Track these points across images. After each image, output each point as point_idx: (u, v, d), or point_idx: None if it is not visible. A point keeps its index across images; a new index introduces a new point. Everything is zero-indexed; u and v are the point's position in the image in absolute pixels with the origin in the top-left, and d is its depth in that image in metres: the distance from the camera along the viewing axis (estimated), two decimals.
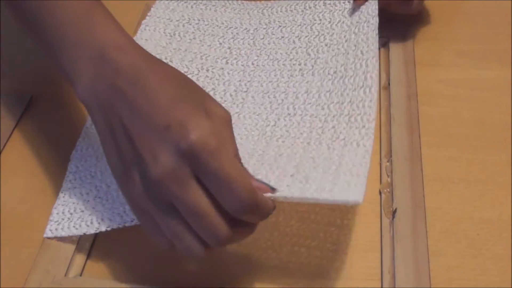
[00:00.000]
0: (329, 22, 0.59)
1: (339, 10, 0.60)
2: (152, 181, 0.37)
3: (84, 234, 0.46)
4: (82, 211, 0.48)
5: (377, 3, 0.56)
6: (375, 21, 0.55)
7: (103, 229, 0.46)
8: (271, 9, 0.63)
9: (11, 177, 0.52)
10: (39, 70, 0.62)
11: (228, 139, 0.38)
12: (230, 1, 0.65)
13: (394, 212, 0.47)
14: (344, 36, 0.57)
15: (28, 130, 0.56)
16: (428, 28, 0.64)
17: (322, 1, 0.61)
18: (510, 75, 0.60)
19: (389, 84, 0.57)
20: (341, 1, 0.60)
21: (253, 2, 0.65)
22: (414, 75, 0.58)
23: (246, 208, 0.37)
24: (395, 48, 0.60)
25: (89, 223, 0.46)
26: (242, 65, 0.58)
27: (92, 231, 0.46)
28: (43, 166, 0.53)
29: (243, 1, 0.65)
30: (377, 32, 0.54)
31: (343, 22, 0.59)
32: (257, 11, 0.63)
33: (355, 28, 0.57)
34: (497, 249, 0.47)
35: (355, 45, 0.55)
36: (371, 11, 0.57)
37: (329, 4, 0.61)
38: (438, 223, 0.48)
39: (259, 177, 0.42)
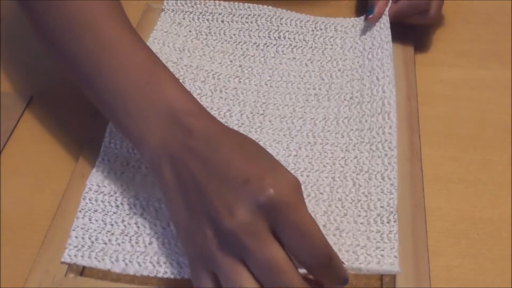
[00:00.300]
0: (341, 48, 0.60)
1: (350, 37, 0.61)
2: (227, 233, 0.36)
3: (108, 270, 0.44)
4: (105, 243, 0.45)
5: (389, 30, 0.58)
6: (389, 46, 0.57)
7: (130, 272, 0.44)
8: (280, 20, 0.62)
9: (11, 177, 0.52)
10: (39, 70, 0.61)
11: (302, 201, 0.37)
12: (237, 5, 0.64)
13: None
14: (358, 62, 0.58)
15: (28, 130, 0.56)
16: (428, 28, 0.64)
17: (333, 26, 0.62)
18: (510, 75, 0.60)
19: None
20: (352, 29, 0.61)
21: (260, 6, 0.64)
22: (414, 75, 0.58)
23: (324, 263, 0.36)
24: (395, 48, 0.60)
25: (114, 260, 0.44)
26: (255, 85, 0.58)
27: (117, 270, 0.44)
28: (43, 166, 0.53)
29: (249, 4, 0.64)
30: (392, 57, 0.56)
31: (355, 48, 0.60)
32: (266, 19, 0.63)
33: (369, 54, 0.58)
34: (497, 249, 0.47)
35: (370, 71, 0.56)
36: (384, 37, 0.58)
37: (340, 30, 0.62)
38: (438, 223, 0.48)
39: None
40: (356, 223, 0.46)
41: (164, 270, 0.43)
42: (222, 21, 0.63)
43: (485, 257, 0.47)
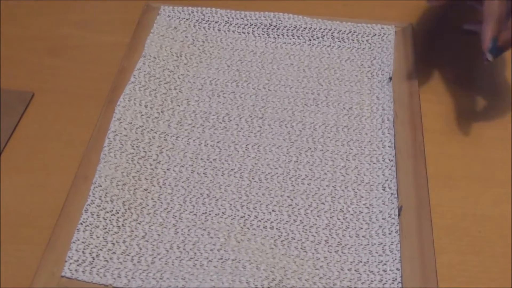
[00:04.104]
0: (338, 57, 0.61)
1: (347, 48, 0.61)
2: None
3: (110, 285, 0.44)
4: (107, 261, 0.45)
5: (392, 54, 0.59)
6: (389, 69, 0.58)
7: (133, 286, 0.43)
8: (277, 30, 0.62)
9: (13, 175, 0.52)
10: (40, 68, 0.61)
11: None
12: (233, 14, 0.63)
13: (400, 209, 0.48)
14: (356, 76, 0.59)
15: (30, 128, 0.55)
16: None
17: (330, 32, 0.62)
18: (510, 74, 0.60)
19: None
20: (349, 35, 0.62)
21: (257, 15, 0.63)
22: (415, 72, 0.58)
23: None
24: (397, 45, 0.60)
25: (115, 276, 0.44)
26: (253, 88, 0.58)
27: (119, 285, 0.44)
28: (45, 164, 0.53)
29: (246, 12, 0.64)
30: (391, 77, 0.57)
31: (352, 60, 0.61)
32: (262, 29, 0.63)
33: (368, 72, 0.59)
34: (498, 246, 0.47)
35: (369, 89, 0.58)
36: (386, 60, 0.59)
37: (337, 38, 0.62)
38: (440, 220, 0.49)
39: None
40: (358, 236, 0.47)
41: (167, 285, 0.43)
42: (219, 30, 0.63)
43: (487, 254, 0.47)
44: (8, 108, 0.56)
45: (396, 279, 0.44)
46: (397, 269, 0.44)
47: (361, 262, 0.45)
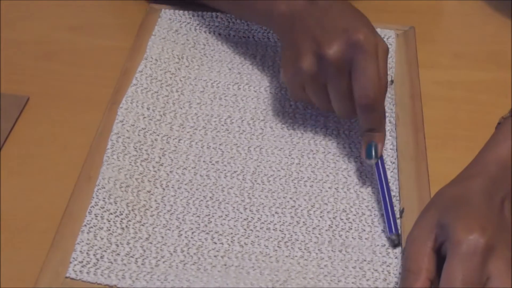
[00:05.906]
0: None
1: None
2: (326, 59, 0.48)
3: (115, 286, 0.44)
4: (111, 263, 0.45)
5: (394, 56, 0.59)
6: (391, 72, 0.58)
7: (138, 286, 0.43)
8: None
9: (9, 179, 0.51)
10: (35, 72, 0.61)
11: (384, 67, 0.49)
12: (234, 18, 0.64)
13: (402, 212, 0.48)
14: None
15: (25, 132, 0.55)
16: (425, 29, 0.65)
17: None
18: (506, 77, 0.60)
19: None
20: None
21: None
22: (417, 75, 0.59)
23: (370, 105, 0.48)
24: (399, 48, 0.61)
25: (120, 277, 0.44)
26: (255, 91, 0.58)
27: (124, 285, 0.43)
28: (40, 168, 0.52)
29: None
30: (392, 80, 0.57)
31: None
32: (263, 34, 0.63)
33: None
34: None
35: None
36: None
37: None
38: None
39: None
40: (361, 238, 0.47)
41: (172, 285, 0.43)
42: (219, 34, 0.63)
43: None
44: (3, 112, 0.56)
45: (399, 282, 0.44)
46: (400, 273, 0.44)
47: (365, 260, 0.45)
